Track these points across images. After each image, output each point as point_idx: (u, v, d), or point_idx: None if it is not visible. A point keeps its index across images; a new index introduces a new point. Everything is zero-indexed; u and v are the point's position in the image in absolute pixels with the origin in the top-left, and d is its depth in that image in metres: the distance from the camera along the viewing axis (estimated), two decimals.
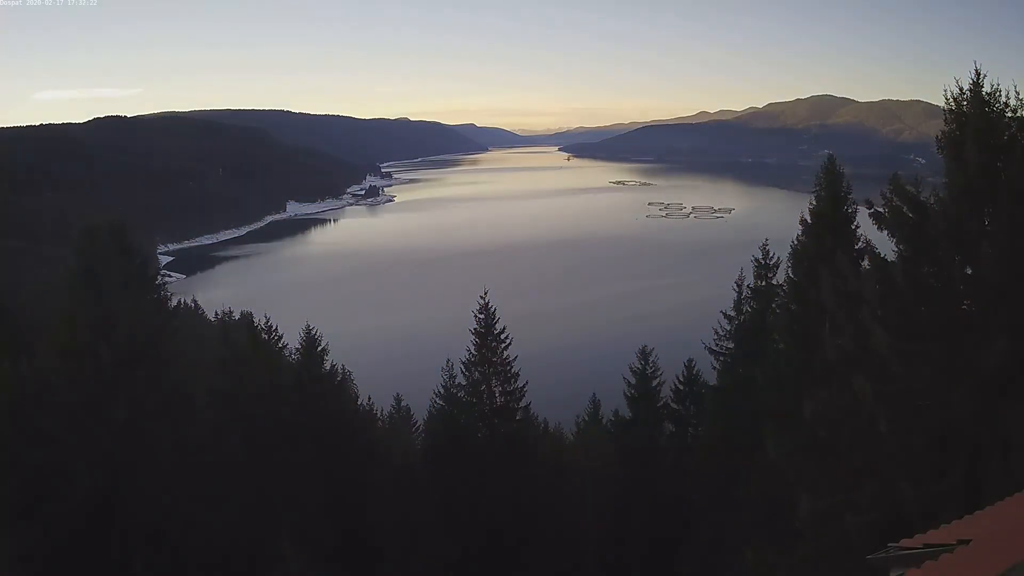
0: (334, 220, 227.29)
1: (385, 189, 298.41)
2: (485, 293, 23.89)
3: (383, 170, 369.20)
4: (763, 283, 20.80)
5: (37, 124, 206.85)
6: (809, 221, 16.04)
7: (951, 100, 10.53)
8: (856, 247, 14.79)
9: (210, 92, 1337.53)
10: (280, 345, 24.35)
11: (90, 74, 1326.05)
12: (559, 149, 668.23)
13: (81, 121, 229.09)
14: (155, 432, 17.54)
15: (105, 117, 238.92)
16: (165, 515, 17.07)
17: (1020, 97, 10.05)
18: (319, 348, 24.38)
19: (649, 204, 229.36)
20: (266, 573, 17.14)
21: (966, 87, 10.34)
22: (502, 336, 24.10)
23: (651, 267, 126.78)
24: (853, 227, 15.48)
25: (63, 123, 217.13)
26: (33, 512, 15.83)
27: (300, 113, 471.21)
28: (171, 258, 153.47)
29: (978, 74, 10.21)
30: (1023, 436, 9.28)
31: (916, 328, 10.51)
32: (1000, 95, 10.16)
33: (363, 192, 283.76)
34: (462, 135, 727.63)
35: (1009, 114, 10.14)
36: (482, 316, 23.88)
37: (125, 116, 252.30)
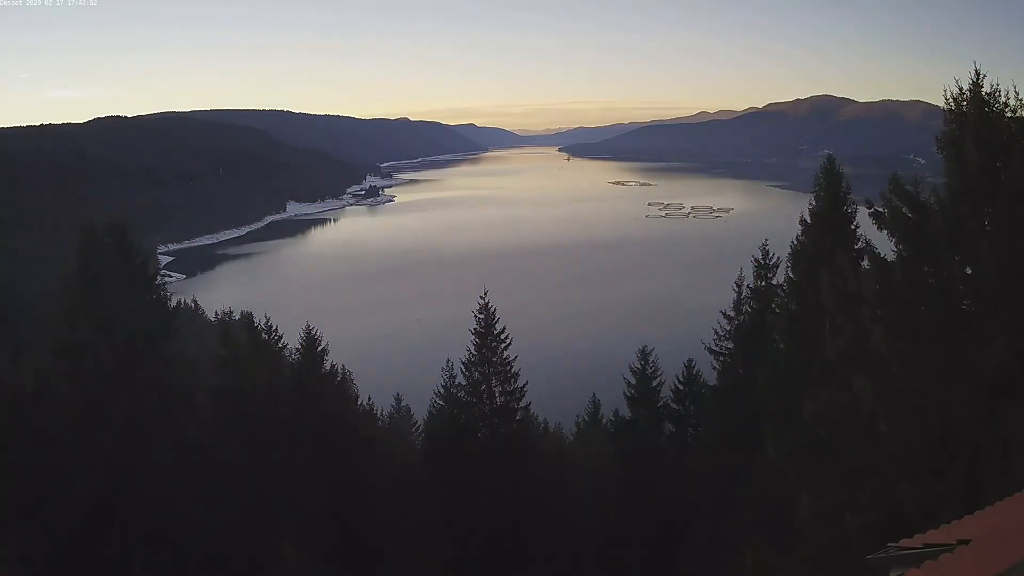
0: (334, 220, 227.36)
1: (385, 189, 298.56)
2: (485, 293, 23.91)
3: (383, 170, 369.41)
4: (763, 283, 20.84)
5: (38, 124, 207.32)
6: (809, 221, 16.05)
7: (951, 100, 10.52)
8: (856, 247, 14.78)
9: (210, 92, 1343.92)
10: (280, 345, 24.31)
11: (90, 74, 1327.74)
12: (559, 149, 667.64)
13: (81, 121, 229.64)
14: (155, 432, 17.50)
15: (105, 117, 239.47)
16: (165, 515, 17.01)
17: (1020, 97, 10.04)
18: (319, 348, 24.35)
19: (648, 204, 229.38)
20: (266, 573, 17.13)
21: (966, 87, 10.34)
22: (502, 336, 24.13)
23: (651, 267, 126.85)
24: (853, 227, 15.49)
25: (63, 123, 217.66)
26: (33, 512, 15.79)
27: (300, 113, 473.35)
28: (171, 258, 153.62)
29: (978, 74, 10.22)
30: (1023, 436, 9.27)
31: (916, 328, 10.49)
32: (1000, 95, 10.16)
33: (363, 192, 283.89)
34: (462, 135, 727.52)
35: (1009, 114, 10.13)
36: (482, 316, 23.91)
37: (125, 116, 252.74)
